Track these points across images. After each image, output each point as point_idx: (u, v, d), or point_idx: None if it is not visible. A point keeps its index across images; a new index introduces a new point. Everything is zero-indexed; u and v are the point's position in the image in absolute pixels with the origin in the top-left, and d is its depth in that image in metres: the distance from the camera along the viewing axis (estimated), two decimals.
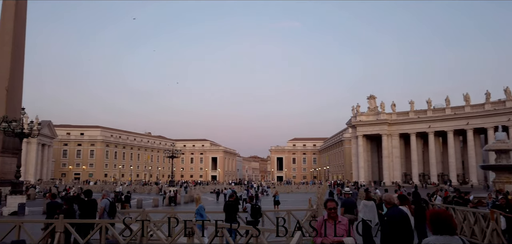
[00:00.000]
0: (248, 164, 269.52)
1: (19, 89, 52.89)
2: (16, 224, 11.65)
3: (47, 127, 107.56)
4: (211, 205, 43.06)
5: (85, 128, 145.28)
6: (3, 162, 48.37)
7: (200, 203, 14.15)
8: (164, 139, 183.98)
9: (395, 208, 7.76)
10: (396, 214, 7.41)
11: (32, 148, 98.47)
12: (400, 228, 7.21)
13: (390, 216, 7.51)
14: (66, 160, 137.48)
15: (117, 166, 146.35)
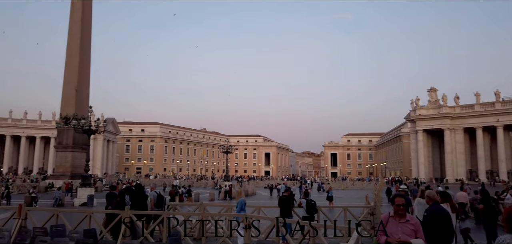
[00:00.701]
0: (301, 160, 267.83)
1: (86, 89, 56.90)
2: (87, 214, 12.56)
3: (111, 124, 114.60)
4: (264, 200, 43.39)
5: (146, 124, 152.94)
6: (73, 157, 52.43)
7: (242, 197, 14.68)
8: (218, 135, 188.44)
9: (436, 205, 7.69)
10: (436, 211, 7.36)
11: (98, 144, 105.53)
12: (440, 225, 7.14)
13: (430, 212, 7.50)
14: (129, 155, 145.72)
15: (175, 161, 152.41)
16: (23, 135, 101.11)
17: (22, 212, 12.61)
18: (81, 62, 54.87)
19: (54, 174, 56.22)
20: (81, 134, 46.43)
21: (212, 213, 14.91)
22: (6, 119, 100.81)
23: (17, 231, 11.76)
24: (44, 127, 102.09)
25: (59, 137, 53.93)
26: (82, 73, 55.00)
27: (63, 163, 52.23)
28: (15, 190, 45.17)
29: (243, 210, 14.30)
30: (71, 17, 55.80)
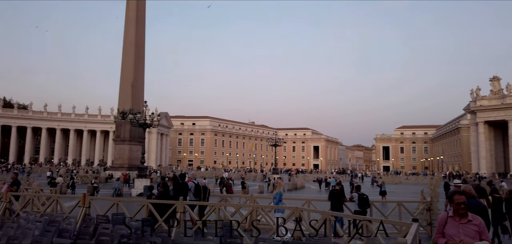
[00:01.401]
0: (351, 153, 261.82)
1: (141, 84, 59.57)
2: (144, 204, 13.18)
3: (164, 118, 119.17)
4: (314, 193, 43.00)
5: (196, 118, 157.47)
6: (130, 149, 55.19)
7: (280, 189, 14.95)
8: (266, 128, 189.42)
9: (473, 199, 7.79)
10: (473, 205, 7.31)
11: (152, 137, 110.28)
12: None
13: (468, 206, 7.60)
14: (181, 148, 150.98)
15: (225, 154, 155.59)
16: (85, 129, 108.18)
17: (86, 201, 13.49)
18: (136, 59, 57.45)
19: (113, 165, 59.56)
20: (137, 127, 48.61)
21: (262, 205, 15.02)
22: (69, 114, 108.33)
23: (82, 218, 12.61)
24: (103, 121, 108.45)
25: (117, 131, 56.96)
26: (137, 69, 57.58)
27: (121, 155, 55.14)
28: (78, 180, 48.45)
29: (281, 202, 14.61)
30: (127, 17, 58.53)
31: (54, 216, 12.13)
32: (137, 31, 57.82)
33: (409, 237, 6.15)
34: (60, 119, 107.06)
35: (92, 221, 11.12)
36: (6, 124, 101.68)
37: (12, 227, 9.87)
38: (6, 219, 11.88)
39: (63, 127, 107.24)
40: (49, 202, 15.63)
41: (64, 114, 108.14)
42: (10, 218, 12.67)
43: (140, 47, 59.20)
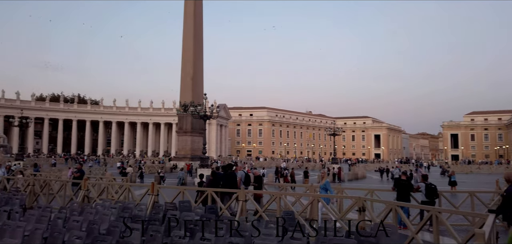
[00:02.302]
0: (416, 142, 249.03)
1: (201, 77, 61.52)
2: (208, 192, 13.66)
3: (223, 109, 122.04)
4: (375, 183, 41.68)
5: (254, 109, 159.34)
6: (192, 140, 57.42)
7: (326, 179, 14.94)
8: (324, 117, 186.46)
9: None
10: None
11: (212, 129, 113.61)
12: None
13: (508, 192, 8.23)
14: (239, 138, 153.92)
15: (283, 144, 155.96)
16: (150, 122, 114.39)
17: (154, 189, 14.30)
18: (195, 53, 59.35)
19: (177, 156, 62.36)
20: (198, 119, 50.35)
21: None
22: (136, 108, 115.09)
23: (151, 205, 13.40)
24: (166, 114, 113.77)
25: (180, 123, 59.48)
26: (196, 63, 59.51)
27: (183, 146, 57.58)
28: (146, 170, 51.43)
29: (330, 191, 14.69)
30: (185, 13, 60.56)
31: (127, 203, 13.01)
32: (195, 26, 59.65)
33: (486, 229, 5.74)
34: (128, 113, 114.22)
35: (160, 208, 11.76)
36: (81, 119, 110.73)
37: (91, 212, 10.75)
38: (85, 206, 12.97)
39: (131, 120, 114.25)
40: (121, 190, 16.76)
41: (131, 108, 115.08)
42: (88, 205, 13.82)
43: (199, 41, 61.03)
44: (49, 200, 17.13)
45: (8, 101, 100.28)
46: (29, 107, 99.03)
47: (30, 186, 17.94)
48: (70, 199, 16.82)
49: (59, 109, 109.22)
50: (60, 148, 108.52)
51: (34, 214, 10.32)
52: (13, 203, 13.31)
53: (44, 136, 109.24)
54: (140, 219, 9.71)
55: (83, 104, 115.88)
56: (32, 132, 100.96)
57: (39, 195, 17.73)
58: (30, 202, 17.03)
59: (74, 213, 10.51)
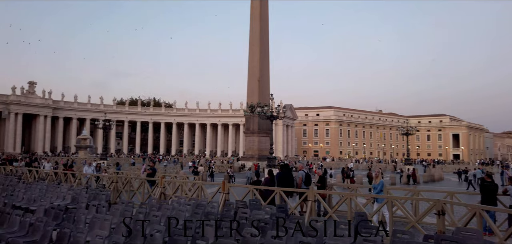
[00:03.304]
0: (501, 141, 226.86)
1: (267, 78, 62.16)
2: (277, 192, 13.75)
3: (289, 110, 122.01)
4: (454, 186, 38.77)
5: (320, 109, 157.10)
6: (259, 141, 58.26)
7: (381, 179, 14.37)
8: (396, 116, 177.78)
9: None
10: None
11: (279, 129, 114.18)
12: None
13: None
14: (306, 139, 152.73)
15: (351, 144, 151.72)
16: (219, 123, 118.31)
17: (225, 187, 14.76)
18: (261, 54, 60.14)
19: (244, 156, 63.68)
20: (265, 120, 51.00)
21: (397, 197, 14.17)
22: (206, 110, 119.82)
23: (223, 203, 13.84)
24: (234, 115, 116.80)
25: (247, 124, 60.68)
26: (262, 64, 60.26)
27: (251, 147, 58.63)
28: (216, 169, 53.24)
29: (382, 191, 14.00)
30: (251, 15, 61.63)
31: (200, 201, 13.59)
32: (261, 28, 60.44)
33: None
34: (198, 114, 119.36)
35: (231, 205, 12.10)
36: (156, 121, 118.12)
37: (168, 208, 11.41)
38: (162, 202, 13.80)
39: (201, 122, 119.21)
40: (194, 189, 17.54)
41: (202, 110, 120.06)
42: (165, 201, 14.68)
43: (265, 43, 61.74)
44: (131, 196, 18.49)
45: (94, 106, 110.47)
46: (111, 110, 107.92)
47: (113, 183, 19.52)
48: (148, 195, 18.02)
49: (136, 112, 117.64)
50: (138, 148, 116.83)
51: (118, 209, 11.24)
52: (100, 198, 14.58)
53: (124, 137, 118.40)
54: (213, 215, 10.09)
55: (158, 107, 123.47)
56: (113, 133, 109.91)
57: (121, 191, 19.23)
58: (114, 197, 18.52)
59: (153, 208, 11.23)
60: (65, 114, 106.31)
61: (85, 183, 21.74)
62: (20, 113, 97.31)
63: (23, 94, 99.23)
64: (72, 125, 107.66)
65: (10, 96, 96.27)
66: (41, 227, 8.40)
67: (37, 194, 14.93)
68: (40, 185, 17.34)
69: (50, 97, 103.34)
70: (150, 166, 23.61)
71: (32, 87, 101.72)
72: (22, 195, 15.03)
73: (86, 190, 16.02)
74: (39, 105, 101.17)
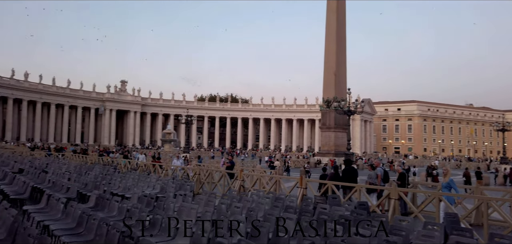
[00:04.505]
0: None
1: (344, 73, 60.53)
2: (357, 189, 13.39)
3: (367, 104, 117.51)
4: None
5: (402, 103, 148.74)
6: (336, 136, 57.03)
7: (450, 176, 13.14)
8: (489, 110, 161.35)
9: None
10: None
11: (356, 124, 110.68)
12: None
13: None
14: (386, 135, 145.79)
15: (436, 140, 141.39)
16: (294, 118, 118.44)
17: (303, 182, 14.76)
18: (338, 48, 58.68)
19: (320, 152, 62.92)
20: (341, 115, 49.91)
21: (493, 198, 12.91)
22: (280, 106, 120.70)
23: (301, 197, 13.87)
24: (309, 110, 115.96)
25: (323, 119, 59.79)
26: (339, 58, 58.81)
27: (327, 142, 57.68)
28: (292, 164, 53.43)
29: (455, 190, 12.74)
30: (328, 8, 60.42)
31: (278, 194, 13.78)
32: (337, 20, 58.96)
33: None
34: (274, 110, 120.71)
35: (310, 200, 12.08)
36: (234, 116, 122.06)
37: (248, 200, 11.76)
38: (242, 194, 14.26)
39: (276, 117, 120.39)
40: (271, 183, 17.83)
41: (277, 105, 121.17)
42: (244, 193, 15.14)
43: (341, 36, 60.14)
44: (212, 187, 19.41)
45: (177, 102, 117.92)
46: (192, 107, 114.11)
47: (196, 175, 20.65)
48: (228, 187, 18.74)
49: (215, 108, 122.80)
50: (217, 142, 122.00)
51: (202, 199, 11.87)
52: (185, 188, 15.53)
53: (204, 132, 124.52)
54: (292, 209, 10.16)
55: (235, 103, 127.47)
56: (195, 128, 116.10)
57: (203, 183, 20.27)
58: (197, 188, 19.59)
59: (234, 200, 11.66)
60: (152, 110, 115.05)
61: (171, 174, 23.31)
62: (114, 109, 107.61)
63: (116, 92, 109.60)
64: (158, 120, 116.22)
65: (105, 94, 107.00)
66: (136, 213, 9.21)
67: (131, 183, 16.36)
68: (133, 175, 19.01)
69: (139, 94, 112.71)
70: (229, 159, 24.57)
71: (123, 85, 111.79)
72: (118, 183, 16.60)
73: (172, 181, 17.18)
74: (130, 102, 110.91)
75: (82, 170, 20.94)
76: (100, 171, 20.79)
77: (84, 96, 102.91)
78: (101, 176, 18.11)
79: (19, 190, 13.84)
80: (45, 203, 10.82)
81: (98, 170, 21.43)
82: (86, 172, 20.20)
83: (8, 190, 13.76)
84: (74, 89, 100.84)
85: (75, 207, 9.14)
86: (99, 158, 35.32)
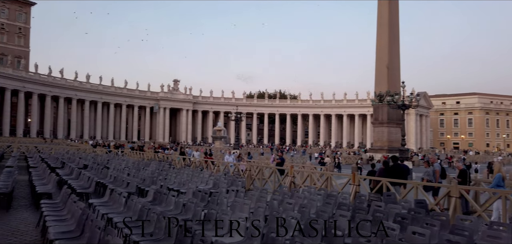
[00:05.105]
0: None
1: (397, 65, 58.08)
2: (414, 185, 12.85)
3: (423, 98, 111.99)
4: None
5: (461, 96, 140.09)
6: (389, 131, 54.99)
7: (499, 173, 12.40)
8: None
9: None
10: None
11: (411, 119, 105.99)
12: None
13: None
14: (443, 130, 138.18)
15: (500, 135, 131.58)
16: (344, 114, 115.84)
17: (356, 179, 14.44)
18: (390, 40, 56.44)
19: (373, 147, 61.00)
20: (395, 109, 48.02)
21: None
22: (330, 101, 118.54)
23: (354, 195, 13.58)
24: (360, 105, 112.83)
25: (375, 114, 57.90)
26: (391, 50, 56.56)
27: (380, 138, 55.82)
28: (342, 161, 52.38)
29: (501, 186, 11.90)
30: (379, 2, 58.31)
31: (330, 191, 13.59)
32: (390, 11, 56.68)
33: None
34: (323, 105, 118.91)
35: (364, 198, 11.78)
36: (282, 112, 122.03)
37: (300, 197, 11.72)
38: (293, 191, 14.23)
39: (326, 113, 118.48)
40: (322, 179, 17.61)
41: (326, 101, 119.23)
42: (296, 190, 15.11)
43: (394, 27, 57.75)
44: (262, 184, 19.56)
45: (226, 100, 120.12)
46: (241, 103, 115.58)
47: (247, 171, 20.92)
48: (279, 184, 18.79)
49: (264, 105, 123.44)
50: (266, 139, 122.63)
51: (254, 195, 12.02)
52: (237, 184, 15.81)
53: (253, 129, 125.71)
54: (345, 207, 9.98)
55: (284, 99, 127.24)
56: (244, 125, 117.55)
57: (254, 179, 20.48)
58: (248, 184, 19.84)
59: (285, 196, 11.68)
60: (203, 107, 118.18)
61: (222, 170, 23.82)
62: (167, 107, 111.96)
63: (169, 91, 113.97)
64: (208, 118, 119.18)
65: (159, 93, 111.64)
66: (192, 207, 9.54)
67: (185, 179, 16.97)
68: (187, 171, 19.69)
69: (190, 92, 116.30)
70: (278, 156, 24.63)
71: (176, 84, 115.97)
72: (173, 179, 17.29)
73: (224, 177, 17.56)
74: (182, 100, 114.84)
75: (139, 166, 22.04)
76: (156, 167, 21.76)
77: (140, 96, 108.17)
78: (158, 172, 18.95)
79: (84, 184, 14.87)
80: (108, 197, 11.53)
81: (154, 166, 22.43)
82: (143, 168, 21.23)
83: (75, 184, 14.84)
84: (131, 89, 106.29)
85: (136, 201, 9.65)
86: (155, 154, 36.94)
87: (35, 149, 39.97)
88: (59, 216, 8.75)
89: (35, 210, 12.50)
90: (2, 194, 12.51)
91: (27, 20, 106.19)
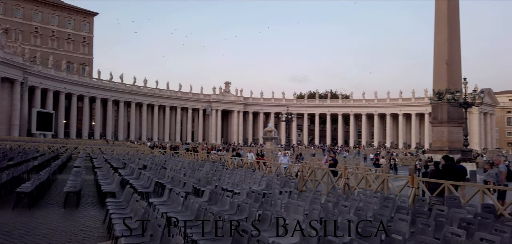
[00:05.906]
0: None
1: (458, 61, 54.69)
2: (479, 189, 12.05)
3: (487, 95, 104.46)
4: None
5: None
6: (449, 131, 51.92)
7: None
8: None
9: None
10: None
11: (474, 117, 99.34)
12: None
13: None
14: (511, 129, 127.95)
15: None
16: (400, 113, 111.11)
17: (415, 182, 13.82)
18: (450, 35, 53.32)
19: (431, 148, 57.93)
20: (456, 108, 45.40)
21: None
22: (384, 100, 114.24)
23: (412, 198, 13.01)
24: (417, 104, 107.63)
25: (434, 113, 54.97)
26: (451, 46, 53.43)
27: (439, 138, 52.88)
28: (399, 162, 50.35)
29: None
30: None
31: (387, 194, 13.13)
32: (449, 4, 53.62)
33: None
34: (377, 105, 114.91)
35: (424, 201, 11.25)
36: (334, 112, 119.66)
37: (355, 199, 11.44)
38: (348, 193, 13.93)
39: (380, 112, 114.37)
40: (378, 181, 17.05)
41: (380, 100, 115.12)
42: (350, 192, 14.77)
43: (454, 20, 54.46)
44: (315, 185, 19.35)
45: (277, 101, 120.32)
46: (292, 104, 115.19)
47: (300, 172, 20.80)
48: (332, 185, 18.48)
49: (315, 105, 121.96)
50: (317, 139, 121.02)
51: (308, 196, 11.92)
52: (289, 185, 15.78)
53: (304, 129, 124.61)
54: (404, 210, 9.60)
55: (335, 99, 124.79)
56: (295, 126, 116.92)
57: (307, 180, 20.32)
58: (301, 186, 19.73)
59: (340, 198, 11.46)
60: (253, 109, 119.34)
61: (275, 171, 23.89)
62: (219, 109, 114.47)
63: (221, 93, 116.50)
64: (259, 119, 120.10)
65: (211, 96, 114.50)
66: (247, 208, 9.68)
67: (238, 180, 17.23)
68: (240, 172, 19.99)
69: (241, 94, 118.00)
70: (331, 157, 24.21)
71: (227, 86, 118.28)
72: (227, 180, 17.65)
73: (276, 178, 17.61)
74: (233, 102, 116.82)
75: (194, 167, 22.76)
76: (210, 168, 22.34)
77: (193, 98, 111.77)
78: (212, 173, 19.45)
79: (144, 184, 15.64)
80: (167, 196, 12.03)
81: (208, 166, 23.04)
82: (198, 168, 21.90)
83: (136, 184, 15.66)
84: (185, 92, 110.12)
85: (193, 201, 9.98)
86: (208, 155, 37.93)
87: (99, 150, 42.69)
88: (123, 214, 9.28)
89: (101, 208, 13.38)
90: (72, 193, 13.55)
91: (91, 30, 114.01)
